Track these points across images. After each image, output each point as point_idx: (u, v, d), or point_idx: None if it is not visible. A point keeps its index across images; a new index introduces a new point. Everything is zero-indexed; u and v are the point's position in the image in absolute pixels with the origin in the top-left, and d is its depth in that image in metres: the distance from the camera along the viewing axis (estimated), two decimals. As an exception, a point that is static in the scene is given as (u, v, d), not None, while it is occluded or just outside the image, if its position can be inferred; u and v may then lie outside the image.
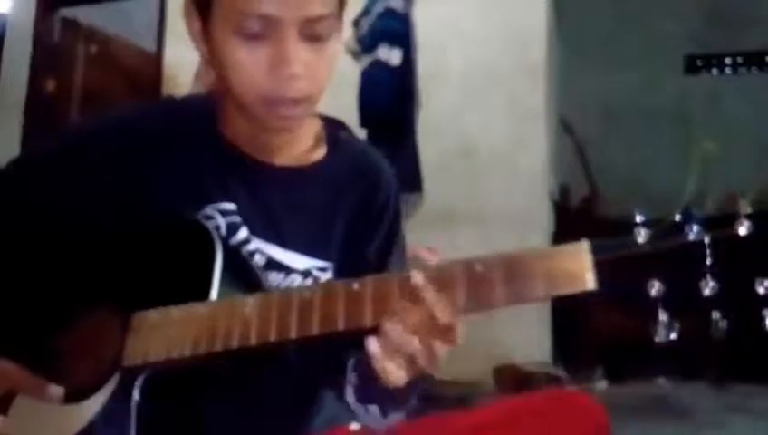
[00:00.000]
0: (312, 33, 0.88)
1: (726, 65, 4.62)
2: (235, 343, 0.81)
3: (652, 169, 4.62)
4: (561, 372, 3.33)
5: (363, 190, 1.04)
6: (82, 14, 5.05)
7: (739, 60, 4.58)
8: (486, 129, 3.81)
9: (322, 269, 0.99)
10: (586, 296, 0.69)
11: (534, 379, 3.21)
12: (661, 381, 3.51)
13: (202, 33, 0.94)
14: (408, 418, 0.92)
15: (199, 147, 0.99)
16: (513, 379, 3.26)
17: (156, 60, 4.83)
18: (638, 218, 0.69)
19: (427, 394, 0.83)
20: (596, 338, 3.53)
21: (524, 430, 0.91)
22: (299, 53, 0.88)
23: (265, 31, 0.86)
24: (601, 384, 3.45)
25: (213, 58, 0.94)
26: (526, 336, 3.53)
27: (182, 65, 4.27)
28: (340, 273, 0.99)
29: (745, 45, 4.69)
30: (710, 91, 4.89)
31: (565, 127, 4.40)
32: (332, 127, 1.08)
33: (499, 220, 3.60)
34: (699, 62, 4.76)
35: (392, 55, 3.89)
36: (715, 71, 4.67)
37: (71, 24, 4.97)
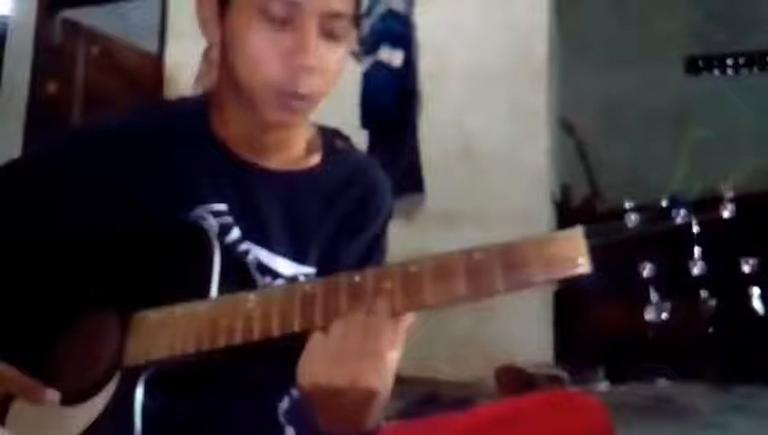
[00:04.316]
0: (330, 30, 0.90)
1: (728, 66, 4.62)
2: (238, 339, 0.81)
3: (653, 168, 4.61)
4: (562, 373, 3.32)
5: (355, 201, 1.04)
6: (84, 16, 5.06)
7: (740, 60, 4.58)
8: (487, 129, 3.80)
9: (308, 276, 0.98)
10: (587, 296, 0.70)
11: (536, 380, 3.21)
12: (662, 381, 3.51)
13: (218, 17, 0.94)
14: (410, 418, 0.91)
15: (191, 148, 0.99)
16: (515, 380, 3.26)
17: (157, 61, 4.83)
18: (628, 205, 0.71)
19: (428, 395, 0.83)
20: (597, 339, 3.53)
21: (526, 430, 0.91)
22: (317, 46, 0.89)
23: (288, 17, 0.88)
24: (603, 385, 3.45)
25: (224, 43, 0.94)
26: (527, 337, 3.53)
27: (183, 66, 4.27)
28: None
29: (747, 46, 4.69)
30: (711, 92, 4.89)
31: (566, 127, 4.39)
32: (329, 136, 1.08)
33: (500, 220, 3.59)
34: (700, 63, 4.76)
35: (393, 56, 3.89)
36: (716, 71, 4.67)
37: (72, 26, 4.97)
